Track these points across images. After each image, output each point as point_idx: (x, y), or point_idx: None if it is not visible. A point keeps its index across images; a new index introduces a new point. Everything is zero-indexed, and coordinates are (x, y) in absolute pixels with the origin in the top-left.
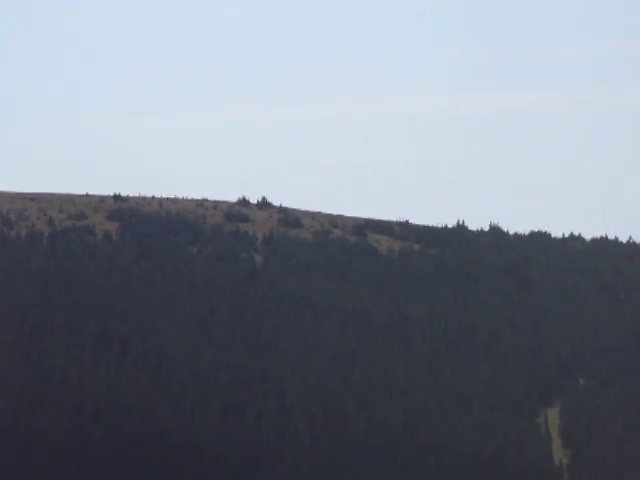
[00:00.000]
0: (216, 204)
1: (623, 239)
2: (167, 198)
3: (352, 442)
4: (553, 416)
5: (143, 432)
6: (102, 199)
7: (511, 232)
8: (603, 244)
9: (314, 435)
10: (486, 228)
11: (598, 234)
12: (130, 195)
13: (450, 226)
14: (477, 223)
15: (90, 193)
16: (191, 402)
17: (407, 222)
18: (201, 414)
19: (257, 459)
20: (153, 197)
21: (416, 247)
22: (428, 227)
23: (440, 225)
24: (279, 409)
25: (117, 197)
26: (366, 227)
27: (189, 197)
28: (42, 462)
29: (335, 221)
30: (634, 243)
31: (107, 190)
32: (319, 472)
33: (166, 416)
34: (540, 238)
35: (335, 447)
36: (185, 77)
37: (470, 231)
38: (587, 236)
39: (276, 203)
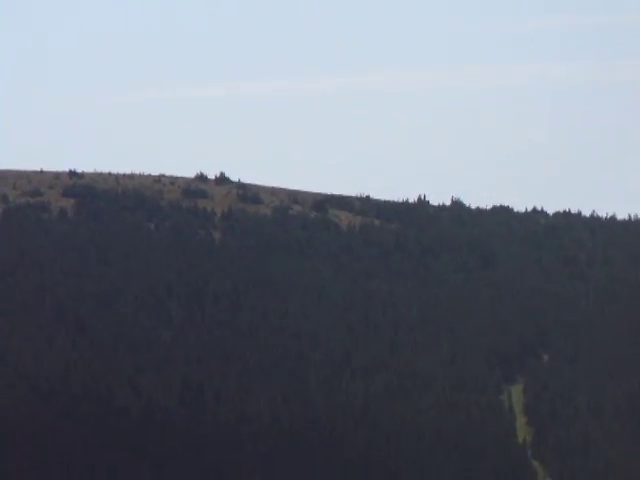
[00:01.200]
0: (173, 180)
1: (586, 213)
2: (123, 174)
3: (313, 423)
4: (517, 393)
5: (100, 412)
6: (57, 175)
7: (473, 207)
8: (566, 218)
9: (274, 415)
10: (448, 203)
11: (561, 208)
12: (85, 171)
13: (411, 201)
14: (439, 198)
15: (45, 169)
16: (148, 382)
17: (368, 197)
18: (159, 394)
19: (216, 440)
20: (109, 173)
21: (377, 222)
22: (389, 202)
23: (401, 200)
24: (238, 389)
25: (72, 173)
26: (326, 202)
27: (146, 173)
28: None
29: (295, 196)
30: (598, 217)
31: (62, 166)
32: (279, 453)
33: (123, 396)
34: (503, 212)
35: (296, 428)
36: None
37: (431, 206)
38: (550, 210)
39: (234, 178)
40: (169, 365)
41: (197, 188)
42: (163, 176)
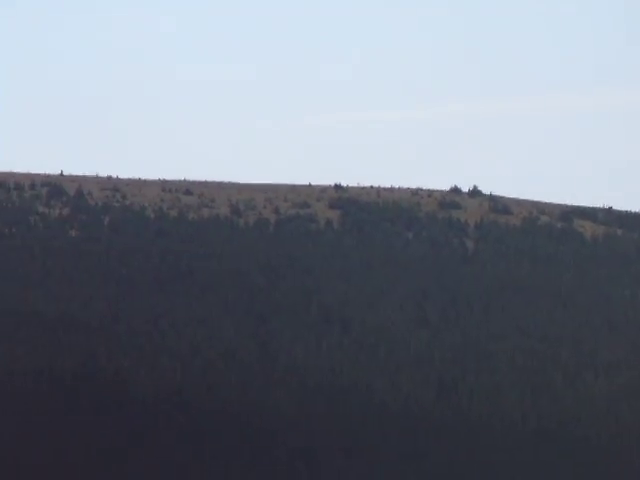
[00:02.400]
0: (430, 193)
1: None
2: (384, 188)
3: (559, 418)
4: None
5: (361, 405)
6: (324, 189)
7: None
8: None
9: (524, 412)
10: None
11: None
12: (350, 185)
13: None
14: None
15: (313, 183)
16: (407, 378)
17: (610, 208)
18: (417, 390)
19: (469, 432)
20: (371, 187)
21: (619, 232)
22: (630, 213)
23: None
24: (490, 386)
25: (338, 187)
26: (571, 213)
27: (405, 187)
28: (273, 438)
29: (542, 208)
30: None
31: (328, 180)
32: (527, 448)
33: (383, 391)
34: None
35: (543, 423)
36: (397, 73)
37: None
38: None
39: (486, 191)
40: (426, 363)
41: (452, 200)
42: (420, 189)
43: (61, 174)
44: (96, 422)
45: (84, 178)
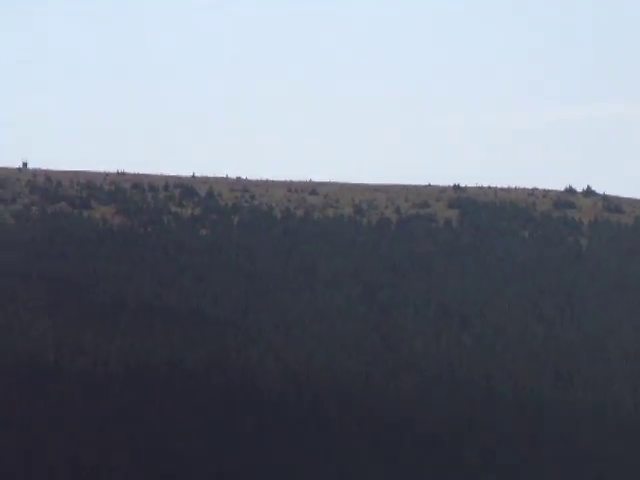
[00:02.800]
0: (545, 193)
1: None
2: (501, 188)
3: None
4: None
5: (480, 396)
6: (443, 189)
7: None
8: None
9: (636, 402)
10: None
11: None
12: (468, 185)
13: None
14: None
15: (432, 184)
16: (523, 371)
17: None
18: (533, 381)
19: (582, 422)
20: (489, 187)
21: None
22: None
23: None
24: (603, 378)
25: (456, 187)
26: None
27: (521, 187)
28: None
29: None
30: None
31: (447, 181)
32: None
33: (501, 382)
34: None
35: None
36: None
37: None
38: None
39: (600, 191)
40: (542, 357)
41: (566, 200)
42: (536, 189)
43: (193, 176)
44: (226, 412)
45: (214, 179)
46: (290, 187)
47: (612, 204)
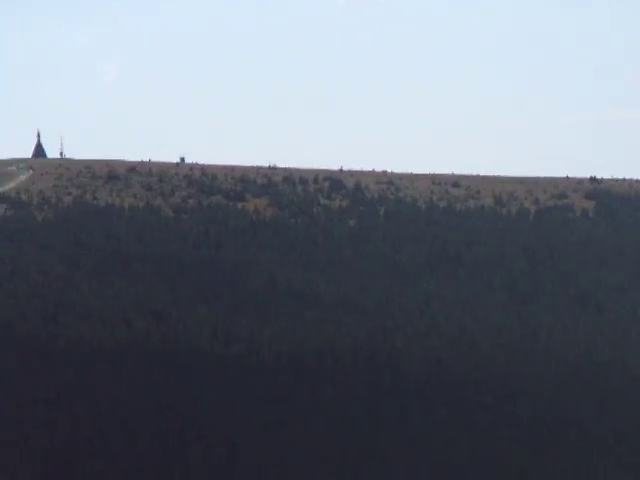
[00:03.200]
0: None
1: None
2: (636, 180)
3: None
4: None
5: (624, 383)
6: (580, 181)
7: None
8: None
9: None
10: None
11: None
12: (604, 178)
13: None
14: None
15: (570, 176)
16: None
17: None
18: None
19: None
20: (624, 179)
21: None
22: None
23: None
24: None
25: (593, 179)
26: None
27: None
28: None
29: None
30: None
31: (584, 173)
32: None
33: (636, 368)
34: None
35: None
36: None
37: None
38: None
39: None
40: None
41: None
42: None
43: (341, 170)
44: (370, 395)
45: (361, 173)
46: (434, 179)
47: None
